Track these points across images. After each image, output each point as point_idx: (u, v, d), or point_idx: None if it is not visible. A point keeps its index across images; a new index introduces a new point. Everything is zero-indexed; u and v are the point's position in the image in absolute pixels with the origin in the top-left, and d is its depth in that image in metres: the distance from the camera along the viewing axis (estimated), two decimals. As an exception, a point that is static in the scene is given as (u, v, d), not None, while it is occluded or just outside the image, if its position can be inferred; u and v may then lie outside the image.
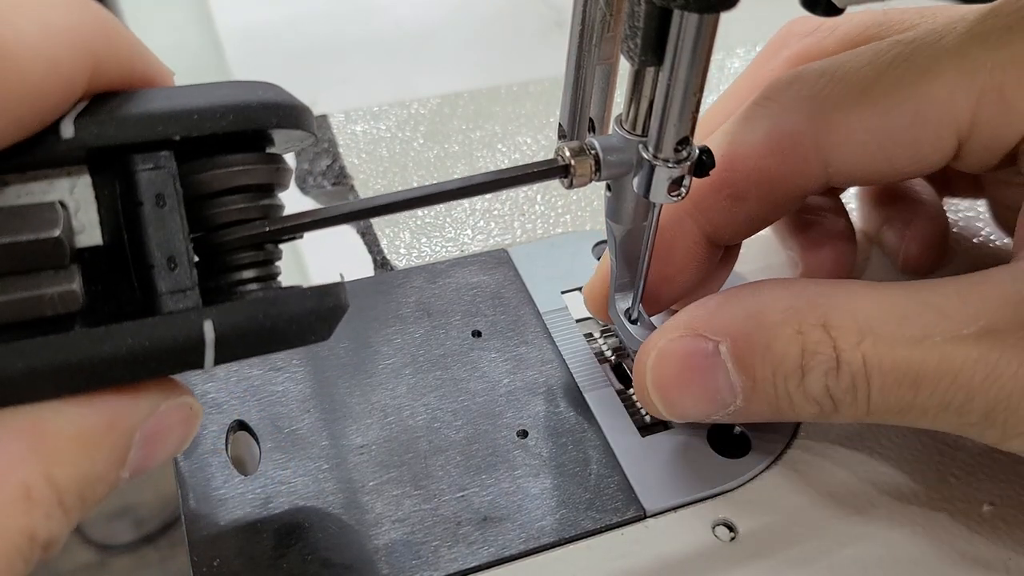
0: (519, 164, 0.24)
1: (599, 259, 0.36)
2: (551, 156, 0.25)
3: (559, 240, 0.37)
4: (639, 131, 0.24)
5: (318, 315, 0.21)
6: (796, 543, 0.27)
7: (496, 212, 0.39)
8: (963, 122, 0.25)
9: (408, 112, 0.44)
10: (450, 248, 0.37)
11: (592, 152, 0.25)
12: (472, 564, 0.26)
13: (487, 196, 0.39)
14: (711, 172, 0.24)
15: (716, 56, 0.25)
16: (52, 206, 0.18)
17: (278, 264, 0.22)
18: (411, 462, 0.28)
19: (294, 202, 0.38)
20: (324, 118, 0.43)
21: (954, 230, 0.37)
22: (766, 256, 0.36)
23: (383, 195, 0.23)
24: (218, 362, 0.19)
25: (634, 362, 0.27)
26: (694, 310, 0.26)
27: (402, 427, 0.29)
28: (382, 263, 0.36)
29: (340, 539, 0.26)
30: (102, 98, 0.18)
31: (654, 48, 0.22)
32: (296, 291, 0.20)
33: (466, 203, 0.39)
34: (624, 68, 0.24)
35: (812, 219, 0.34)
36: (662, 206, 0.26)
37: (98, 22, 0.18)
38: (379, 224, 0.38)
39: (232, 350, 0.19)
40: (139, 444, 0.19)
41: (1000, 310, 0.22)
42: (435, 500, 0.27)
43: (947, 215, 0.36)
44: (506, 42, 0.52)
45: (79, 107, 0.18)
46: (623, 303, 0.29)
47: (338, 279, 0.22)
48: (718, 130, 0.28)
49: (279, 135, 0.21)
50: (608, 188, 0.27)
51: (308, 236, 0.22)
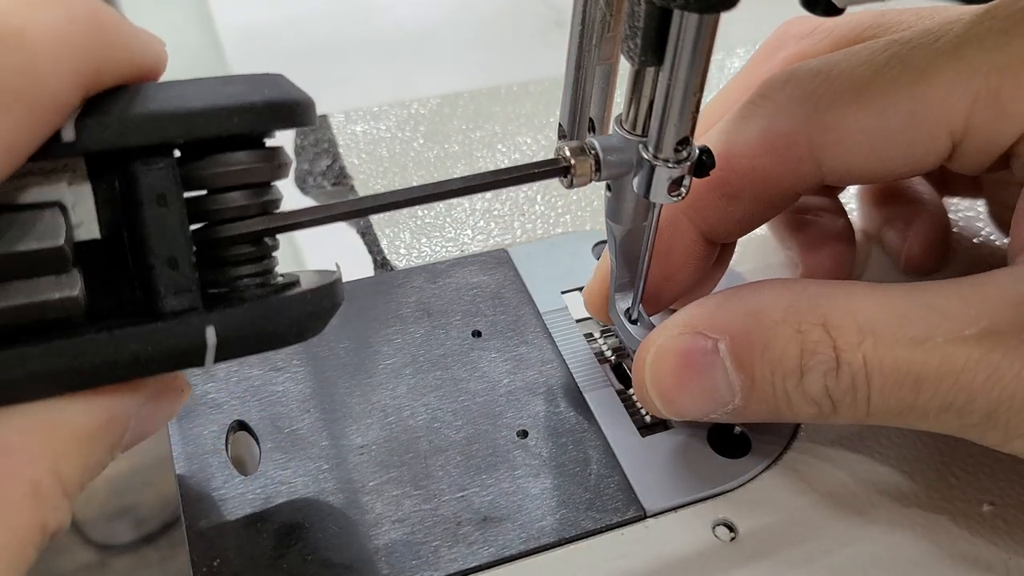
0: (519, 164, 0.24)
1: (599, 259, 0.36)
2: (551, 156, 0.25)
3: (559, 240, 0.37)
4: (639, 131, 0.24)
5: (317, 316, 0.21)
6: (796, 543, 0.27)
7: (496, 212, 0.39)
8: (957, 124, 0.25)
9: (408, 112, 0.44)
10: (450, 248, 0.37)
11: (592, 152, 0.25)
12: (472, 564, 0.26)
13: (487, 196, 0.39)
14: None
15: (716, 56, 0.25)
16: (54, 211, 0.18)
17: (275, 256, 0.22)
18: (411, 462, 0.28)
19: (294, 202, 0.38)
20: (324, 118, 0.43)
21: (954, 230, 0.37)
22: (765, 256, 0.36)
23: (383, 193, 0.23)
24: (217, 361, 0.20)
25: (634, 360, 0.27)
26: (694, 308, 0.26)
27: (402, 427, 0.29)
28: (382, 263, 0.36)
29: (340, 539, 0.26)
30: (102, 96, 0.18)
31: (654, 48, 0.22)
32: (297, 295, 0.20)
33: (466, 203, 0.39)
34: (624, 68, 0.24)
35: (811, 219, 0.34)
36: (662, 206, 0.26)
37: (98, 15, 0.18)
38: (379, 224, 0.38)
39: (232, 351, 0.20)
40: (132, 428, 0.20)
41: (1002, 311, 0.22)
42: (435, 500, 0.27)
43: (948, 215, 0.36)
44: (506, 42, 0.52)
45: (79, 107, 0.18)
46: (623, 303, 0.29)
47: (333, 269, 0.22)
48: (712, 129, 0.28)
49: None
50: (608, 188, 0.27)
51: (308, 236, 0.22)
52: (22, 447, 0.18)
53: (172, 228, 0.19)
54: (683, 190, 0.24)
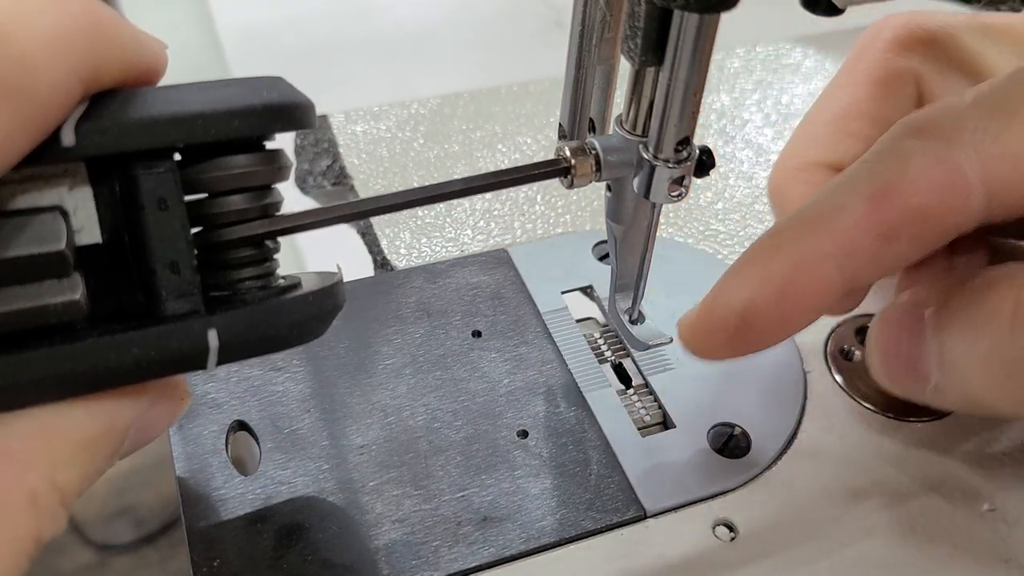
0: (519, 164, 0.24)
1: (599, 259, 0.36)
2: (551, 156, 0.25)
3: (559, 240, 0.37)
4: (639, 131, 0.24)
5: (318, 318, 0.21)
6: (796, 543, 0.27)
7: (496, 212, 0.39)
8: None
9: (408, 112, 0.44)
10: (450, 248, 0.37)
11: (592, 152, 0.25)
12: (472, 564, 0.26)
13: (487, 196, 0.39)
14: (859, 215, 0.23)
15: (716, 56, 0.25)
16: (54, 215, 0.18)
17: (276, 258, 0.22)
18: (411, 462, 0.28)
19: (294, 202, 0.38)
20: (324, 118, 0.43)
21: None
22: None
23: (384, 195, 0.23)
24: (220, 364, 0.20)
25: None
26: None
27: (402, 427, 0.29)
28: (382, 263, 0.36)
29: (340, 539, 0.26)
30: (101, 99, 0.18)
31: (654, 48, 0.22)
32: (298, 297, 0.20)
33: (466, 203, 0.39)
34: (624, 68, 0.24)
35: None
36: (662, 206, 0.26)
37: (96, 15, 0.18)
38: (379, 224, 0.38)
39: (234, 354, 0.20)
40: (132, 435, 0.20)
41: None
42: (435, 500, 0.27)
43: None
44: (506, 42, 0.52)
45: (79, 110, 0.18)
46: (623, 303, 0.29)
47: (334, 270, 0.22)
48: (852, 168, 0.26)
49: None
50: (608, 188, 0.27)
51: (308, 237, 0.22)
52: (22, 454, 0.17)
53: (173, 232, 0.19)
54: (683, 190, 0.24)
